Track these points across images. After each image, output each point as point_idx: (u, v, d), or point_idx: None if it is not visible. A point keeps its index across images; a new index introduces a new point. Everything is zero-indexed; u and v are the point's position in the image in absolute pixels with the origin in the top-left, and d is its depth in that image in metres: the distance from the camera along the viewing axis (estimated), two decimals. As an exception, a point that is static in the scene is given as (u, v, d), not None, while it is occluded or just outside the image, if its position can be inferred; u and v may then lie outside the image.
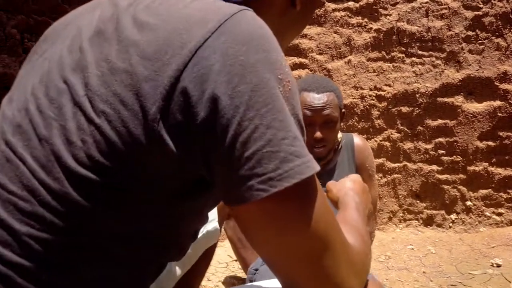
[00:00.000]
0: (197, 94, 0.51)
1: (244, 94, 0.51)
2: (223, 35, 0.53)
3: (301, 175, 0.51)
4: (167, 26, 0.54)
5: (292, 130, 0.52)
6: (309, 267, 0.54)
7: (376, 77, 3.64)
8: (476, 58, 3.54)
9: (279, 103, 0.52)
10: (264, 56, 0.53)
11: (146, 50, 0.53)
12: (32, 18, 1.74)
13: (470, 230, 3.55)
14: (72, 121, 0.54)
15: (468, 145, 3.54)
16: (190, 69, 0.51)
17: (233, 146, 0.51)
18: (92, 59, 0.55)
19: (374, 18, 3.66)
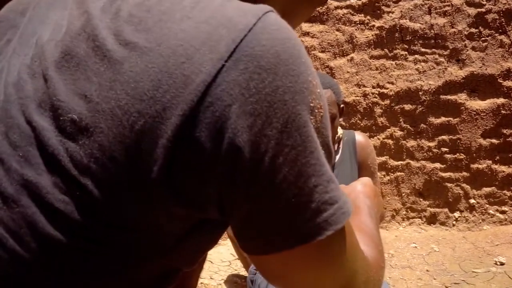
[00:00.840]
0: (212, 146, 0.40)
1: (271, 138, 0.40)
2: (242, 62, 0.40)
3: (337, 225, 0.44)
4: (163, 50, 0.41)
5: (326, 172, 0.44)
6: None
7: (378, 74, 3.63)
8: (479, 55, 3.52)
9: (311, 143, 0.43)
10: (294, 82, 0.42)
11: (137, 87, 0.40)
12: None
13: (474, 228, 3.54)
14: (47, 179, 0.41)
15: (471, 143, 3.53)
16: (201, 113, 0.39)
17: (257, 198, 0.42)
18: (64, 94, 0.42)
19: (376, 15, 3.64)
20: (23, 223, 0.42)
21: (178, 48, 0.40)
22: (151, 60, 0.40)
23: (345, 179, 1.63)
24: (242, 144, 0.40)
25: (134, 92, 0.40)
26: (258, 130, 0.40)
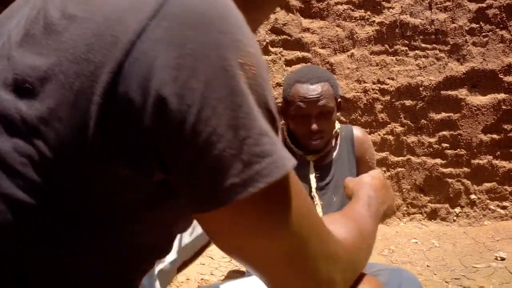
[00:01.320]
0: (141, 98, 0.42)
1: (196, 91, 0.42)
2: (165, 20, 0.43)
3: (269, 177, 0.44)
4: (97, 18, 0.45)
5: (256, 126, 0.44)
6: (283, 268, 0.50)
7: (379, 70, 3.62)
8: (480, 51, 3.51)
9: (239, 96, 0.44)
10: (220, 39, 0.44)
11: (75, 52, 0.44)
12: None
13: (475, 223, 3.54)
14: (8, 143, 0.45)
15: (472, 138, 3.53)
16: (128, 70, 0.42)
17: (189, 152, 0.43)
18: (20, 68, 0.47)
19: (377, 11, 3.64)
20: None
21: (110, 15, 0.44)
22: (86, 27, 0.45)
23: (343, 174, 1.62)
24: (167, 96, 0.42)
25: (72, 57, 0.44)
26: (182, 83, 0.42)
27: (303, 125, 1.57)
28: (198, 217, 0.48)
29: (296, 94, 1.57)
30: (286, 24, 3.62)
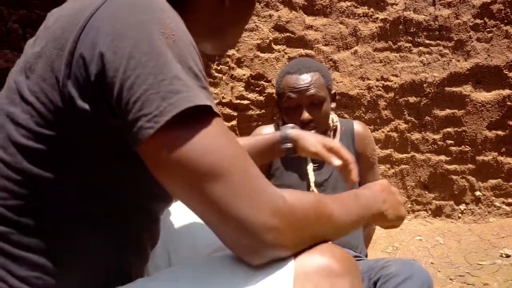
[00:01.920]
0: (90, 55, 0.61)
1: (126, 48, 0.59)
2: (110, 4, 0.63)
3: (179, 107, 0.57)
4: (72, 11, 0.66)
5: (172, 71, 0.59)
6: (200, 196, 0.59)
7: (382, 67, 3.61)
8: (484, 47, 3.49)
9: (159, 52, 0.60)
10: (146, 17, 0.62)
11: (57, 32, 0.65)
12: (34, 13, 1.75)
13: (480, 220, 3.52)
14: (18, 108, 0.66)
15: (477, 135, 3.51)
16: (83, 37, 0.62)
17: (121, 94, 0.59)
18: (29, 57, 0.68)
19: (380, 7, 3.62)
20: (6, 137, 0.66)
21: (78, 8, 0.65)
22: (64, 19, 0.66)
23: None
24: (105, 51, 0.60)
25: (52, 38, 0.65)
26: (116, 43, 0.60)
27: (295, 116, 1.55)
28: (142, 155, 0.61)
29: (286, 85, 1.57)
30: (289, 21, 3.62)
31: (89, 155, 0.66)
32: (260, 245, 0.60)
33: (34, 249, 0.65)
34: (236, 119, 3.56)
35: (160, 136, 0.58)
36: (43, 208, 0.66)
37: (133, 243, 0.76)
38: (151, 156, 0.60)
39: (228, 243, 0.62)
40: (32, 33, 1.74)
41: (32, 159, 0.64)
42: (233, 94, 3.54)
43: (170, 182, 0.62)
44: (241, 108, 3.57)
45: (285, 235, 0.61)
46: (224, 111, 3.46)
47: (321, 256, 0.63)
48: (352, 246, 1.55)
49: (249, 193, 0.60)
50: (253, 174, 0.62)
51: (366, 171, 1.66)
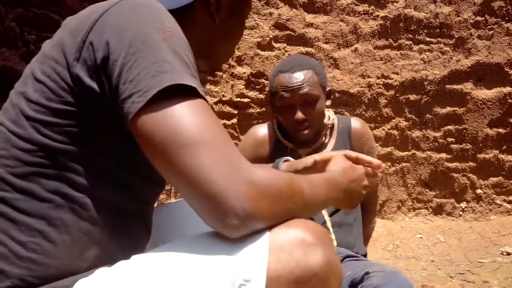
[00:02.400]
0: (97, 43, 0.71)
1: (127, 37, 0.70)
2: (118, 7, 0.75)
3: (163, 84, 0.66)
4: (87, 12, 0.78)
5: (163, 56, 0.69)
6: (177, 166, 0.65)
7: (383, 65, 3.60)
8: (485, 44, 3.48)
9: (155, 41, 0.70)
10: (148, 14, 0.73)
11: (72, 26, 0.76)
12: (32, 11, 1.75)
13: (481, 218, 3.51)
14: (31, 87, 0.75)
15: (477, 133, 3.50)
16: (95, 28, 0.72)
17: (121, 75, 0.68)
18: (45, 49, 0.79)
19: (380, 5, 3.61)
20: (19, 113, 0.74)
21: (94, 8, 0.77)
22: (82, 15, 0.77)
23: None
24: (110, 39, 0.70)
25: (69, 30, 0.76)
26: (120, 33, 0.71)
27: (289, 115, 1.52)
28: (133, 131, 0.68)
29: (278, 84, 1.53)
30: (289, 19, 3.61)
31: (93, 130, 0.75)
32: (235, 215, 0.63)
33: (36, 214, 0.72)
34: (236, 117, 3.56)
35: (147, 110, 0.66)
36: (48, 175, 0.73)
37: (125, 225, 0.80)
38: (138, 129, 0.68)
39: (205, 215, 0.65)
40: (29, 31, 1.74)
41: (41, 130, 0.73)
42: (233, 92, 3.54)
43: (152, 153, 0.68)
44: (241, 106, 3.57)
45: (260, 206, 0.65)
46: (225, 109, 3.46)
47: (295, 228, 0.68)
48: (349, 245, 1.54)
49: (225, 165, 0.65)
50: (229, 149, 0.68)
51: None
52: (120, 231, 0.79)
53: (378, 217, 3.61)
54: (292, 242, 0.66)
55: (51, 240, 0.71)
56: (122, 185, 0.78)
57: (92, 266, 0.73)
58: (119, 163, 0.77)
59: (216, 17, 0.92)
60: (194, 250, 0.67)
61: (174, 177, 0.66)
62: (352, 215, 1.58)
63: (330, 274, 0.68)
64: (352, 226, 1.58)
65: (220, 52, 1.01)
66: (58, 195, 0.73)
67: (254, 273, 0.64)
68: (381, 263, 1.61)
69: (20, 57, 1.70)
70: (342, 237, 1.52)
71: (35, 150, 0.73)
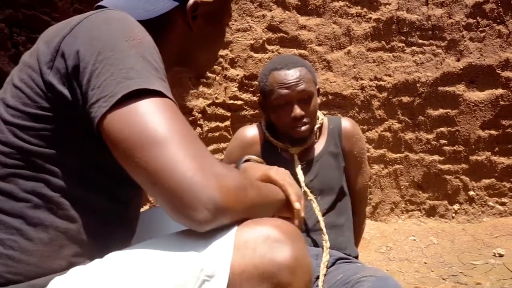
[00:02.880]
0: (69, 52, 0.74)
1: (97, 46, 0.73)
2: (92, 18, 0.78)
3: (129, 89, 0.68)
4: (62, 24, 0.80)
5: (129, 64, 0.71)
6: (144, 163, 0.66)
7: (376, 67, 3.61)
8: (477, 46, 3.49)
9: (123, 49, 0.72)
10: (117, 26, 0.76)
11: (49, 36, 0.79)
12: (21, 12, 1.73)
13: (473, 220, 3.52)
14: (9, 93, 0.78)
15: (470, 135, 3.51)
16: (67, 39, 0.76)
17: (89, 82, 0.71)
18: (25, 57, 0.82)
19: (373, 7, 3.62)
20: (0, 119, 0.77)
21: (70, 20, 0.80)
22: (58, 26, 0.81)
23: (329, 171, 1.55)
24: (80, 49, 0.73)
25: (45, 40, 0.79)
26: (90, 42, 0.73)
27: (286, 113, 1.49)
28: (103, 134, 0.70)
29: (274, 82, 1.51)
30: (282, 21, 3.61)
31: (66, 134, 0.77)
32: (204, 208, 0.64)
33: (13, 213, 0.74)
34: (229, 119, 3.55)
35: (113, 113, 0.68)
36: (24, 177, 0.75)
37: (103, 224, 0.82)
38: (106, 132, 0.69)
39: (173, 210, 0.66)
40: (19, 32, 1.73)
41: (18, 134, 0.75)
42: (226, 94, 3.53)
43: (120, 153, 0.69)
44: (234, 108, 3.56)
45: (228, 200, 0.67)
46: (218, 112, 3.45)
47: (262, 225, 0.70)
48: (340, 247, 1.53)
49: (193, 160, 0.66)
50: (196, 145, 0.69)
51: (354, 171, 1.62)
52: (99, 230, 0.80)
53: (371, 219, 3.61)
54: (258, 238, 0.68)
55: (28, 237, 0.73)
56: (97, 186, 0.80)
57: (70, 264, 0.75)
58: (93, 165, 0.79)
59: (193, 25, 0.93)
60: (162, 247, 0.69)
61: (141, 175, 0.68)
62: (343, 217, 1.58)
63: (297, 270, 0.68)
64: (343, 227, 1.57)
65: (200, 59, 1.02)
66: (35, 195, 0.75)
67: (218, 269, 0.65)
68: (372, 266, 1.60)
69: (9, 58, 1.68)
70: (334, 238, 1.51)
71: (12, 153, 0.75)
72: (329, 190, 1.55)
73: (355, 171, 1.63)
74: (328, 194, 1.55)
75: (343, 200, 1.59)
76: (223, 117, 3.50)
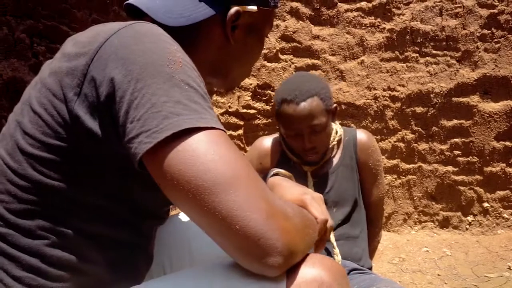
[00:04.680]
0: (100, 78, 0.66)
1: (134, 71, 0.64)
2: (120, 35, 0.69)
3: (178, 127, 0.61)
4: (87, 38, 0.72)
5: (175, 96, 0.63)
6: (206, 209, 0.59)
7: (389, 77, 3.60)
8: (492, 57, 3.47)
9: (164, 76, 0.64)
10: (152, 45, 0.67)
11: (71, 54, 0.71)
12: (42, 22, 1.77)
13: (488, 232, 3.48)
14: (27, 117, 0.72)
15: (484, 146, 3.48)
16: (95, 61, 0.67)
17: (127, 114, 0.63)
18: (44, 73, 0.75)
19: (387, 18, 3.62)
20: (14, 145, 0.71)
21: (91, 36, 0.72)
22: (83, 42, 0.72)
23: (344, 184, 1.55)
24: (115, 75, 0.65)
25: (68, 59, 0.71)
26: (125, 67, 0.64)
27: (296, 142, 1.50)
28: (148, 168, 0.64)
29: (283, 113, 1.49)
30: (296, 31, 3.63)
31: (91, 169, 0.71)
32: (278, 254, 0.59)
33: (30, 251, 0.70)
34: (242, 128, 3.56)
35: (163, 151, 0.61)
36: (42, 214, 0.70)
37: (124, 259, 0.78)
38: (158, 171, 0.62)
39: (243, 255, 0.61)
40: (39, 42, 1.76)
41: (36, 166, 0.70)
42: (239, 103, 3.55)
43: (176, 194, 0.62)
44: (247, 117, 3.58)
45: (296, 241, 0.63)
46: (231, 120, 3.47)
47: (312, 267, 0.65)
48: (354, 258, 1.53)
49: (261, 201, 0.60)
50: (260, 183, 0.63)
51: (369, 183, 1.62)
52: (119, 265, 0.77)
53: (384, 230, 3.58)
54: (309, 283, 0.63)
55: (47, 276, 0.70)
56: (121, 222, 0.76)
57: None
58: (118, 202, 0.74)
59: (231, 37, 0.85)
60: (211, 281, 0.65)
61: (205, 218, 0.60)
62: (358, 228, 1.58)
63: None
64: (358, 238, 1.57)
65: (234, 72, 0.93)
66: (53, 233, 0.71)
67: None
68: (387, 278, 1.59)
69: (29, 68, 1.72)
70: (348, 249, 1.51)
71: (29, 188, 0.70)
72: (344, 202, 1.56)
73: (370, 183, 1.63)
74: (343, 206, 1.55)
75: (358, 211, 1.59)
76: (236, 126, 3.52)
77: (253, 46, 0.92)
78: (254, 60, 0.97)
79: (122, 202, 0.75)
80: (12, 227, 0.70)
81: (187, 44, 0.75)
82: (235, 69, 0.93)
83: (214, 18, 0.82)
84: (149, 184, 0.71)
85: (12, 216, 0.70)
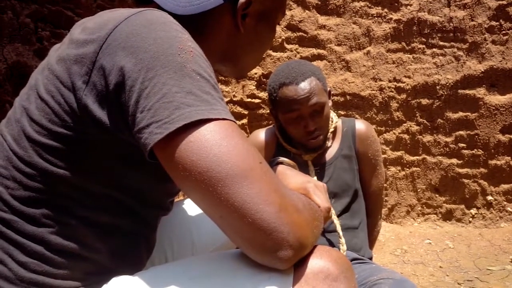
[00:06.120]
0: (109, 67, 0.64)
1: (144, 60, 0.62)
2: (130, 22, 0.67)
3: (190, 118, 0.60)
4: (96, 24, 0.70)
5: (186, 87, 0.62)
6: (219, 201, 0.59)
7: (395, 68, 3.58)
8: (499, 49, 3.44)
9: (176, 65, 0.63)
10: (163, 33, 0.65)
11: (79, 40, 0.69)
12: (46, 7, 1.77)
13: (491, 225, 3.48)
14: (33, 104, 0.70)
15: (489, 139, 3.46)
16: (104, 49, 0.65)
17: (138, 103, 0.62)
18: (52, 58, 0.73)
19: (394, 8, 3.59)
20: (21, 131, 0.70)
21: (102, 22, 0.69)
22: (92, 28, 0.70)
23: (343, 174, 1.54)
24: (125, 64, 0.63)
25: (76, 45, 0.69)
26: (136, 55, 0.63)
27: (298, 127, 1.48)
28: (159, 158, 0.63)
29: (284, 97, 1.47)
30: (302, 21, 3.60)
31: (97, 158, 0.70)
32: (289, 246, 0.60)
33: (35, 238, 0.69)
34: (246, 117, 3.56)
35: (175, 141, 0.60)
36: (47, 202, 0.70)
37: (127, 247, 0.78)
38: (170, 162, 0.61)
39: (254, 248, 0.61)
40: (43, 27, 1.76)
41: (42, 154, 0.69)
42: (244, 92, 3.54)
43: (188, 185, 0.61)
44: (252, 106, 3.57)
45: (307, 234, 0.63)
46: (235, 110, 3.46)
47: (320, 259, 0.66)
48: (355, 248, 1.53)
49: (274, 193, 0.60)
50: (272, 175, 0.63)
51: (368, 173, 1.61)
52: (122, 253, 0.77)
53: (386, 221, 3.59)
54: (316, 274, 0.64)
55: (51, 263, 0.70)
56: (126, 212, 0.76)
57: (92, 283, 0.73)
58: (123, 191, 0.74)
59: (242, 26, 0.83)
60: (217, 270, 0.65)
61: (217, 210, 0.60)
62: (357, 219, 1.58)
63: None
64: (358, 229, 1.57)
65: (245, 60, 0.92)
66: (57, 221, 0.70)
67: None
68: (388, 268, 1.59)
69: (34, 53, 1.71)
70: (348, 240, 1.51)
71: (35, 175, 0.69)
72: (343, 192, 1.55)
73: (370, 174, 1.62)
74: (342, 196, 1.55)
75: (358, 202, 1.59)
76: (241, 115, 3.51)
77: (264, 34, 0.90)
78: (265, 48, 0.96)
79: (127, 192, 0.74)
80: (17, 214, 0.69)
81: (196, 33, 0.74)
82: (246, 57, 0.91)
83: (223, 6, 0.80)
84: (155, 174, 0.71)
85: (17, 203, 0.70)
